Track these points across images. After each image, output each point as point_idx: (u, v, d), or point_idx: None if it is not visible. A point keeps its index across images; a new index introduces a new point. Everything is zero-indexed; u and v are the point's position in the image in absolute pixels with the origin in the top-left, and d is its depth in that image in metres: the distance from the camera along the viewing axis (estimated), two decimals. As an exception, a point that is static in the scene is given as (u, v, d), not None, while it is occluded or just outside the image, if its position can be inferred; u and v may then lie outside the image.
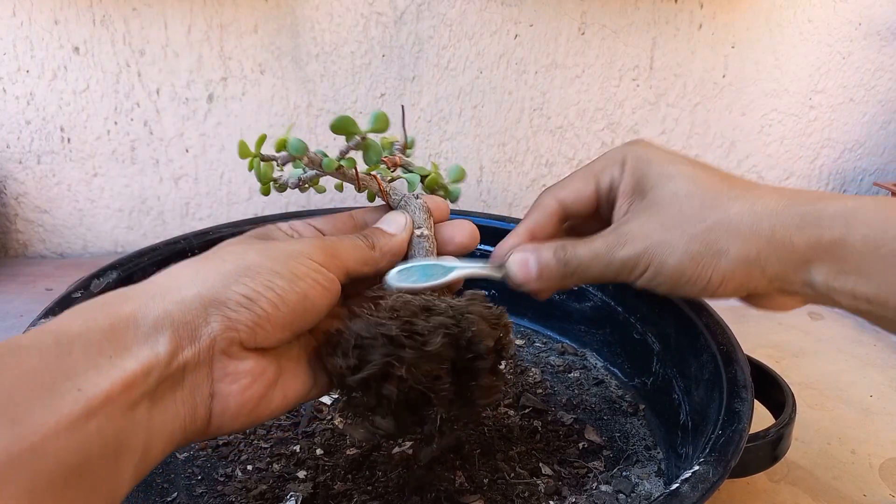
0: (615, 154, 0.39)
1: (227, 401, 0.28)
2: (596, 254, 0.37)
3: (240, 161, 0.82)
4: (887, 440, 0.52)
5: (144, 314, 0.26)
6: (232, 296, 0.28)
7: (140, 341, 0.26)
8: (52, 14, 0.73)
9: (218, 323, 0.28)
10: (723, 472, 0.32)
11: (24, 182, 0.80)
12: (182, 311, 0.27)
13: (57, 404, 0.22)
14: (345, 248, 0.34)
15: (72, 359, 0.23)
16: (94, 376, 0.23)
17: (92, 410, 0.23)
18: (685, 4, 0.82)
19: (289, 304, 0.30)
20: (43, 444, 0.21)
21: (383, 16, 0.78)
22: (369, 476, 0.43)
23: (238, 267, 0.30)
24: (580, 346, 0.59)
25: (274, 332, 0.30)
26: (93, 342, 0.24)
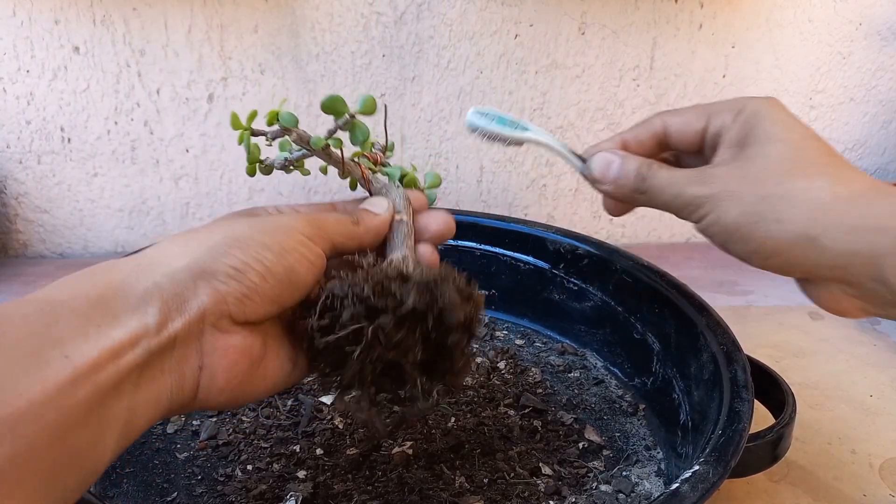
0: (736, 102, 0.39)
1: (216, 374, 0.28)
2: (672, 181, 0.37)
3: (240, 161, 0.82)
4: (887, 440, 0.52)
5: (133, 284, 0.26)
6: (221, 267, 0.28)
7: (129, 311, 0.25)
8: (53, 14, 0.73)
9: (207, 296, 0.28)
10: (723, 472, 0.32)
11: (24, 182, 0.80)
12: (172, 283, 0.27)
13: (42, 372, 0.22)
14: (330, 222, 0.34)
15: (58, 327, 0.23)
16: (82, 344, 0.23)
17: (78, 378, 0.22)
18: (685, 4, 0.82)
19: (276, 277, 0.30)
20: (28, 409, 0.21)
21: (383, 16, 0.78)
22: (369, 476, 0.43)
23: (227, 238, 0.30)
24: (580, 346, 0.59)
25: (262, 305, 0.29)
26: (80, 311, 0.24)
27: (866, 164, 0.99)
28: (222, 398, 0.29)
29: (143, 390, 0.26)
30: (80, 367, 0.23)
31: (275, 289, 0.30)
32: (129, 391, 0.25)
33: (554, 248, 0.59)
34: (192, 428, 0.48)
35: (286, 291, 0.30)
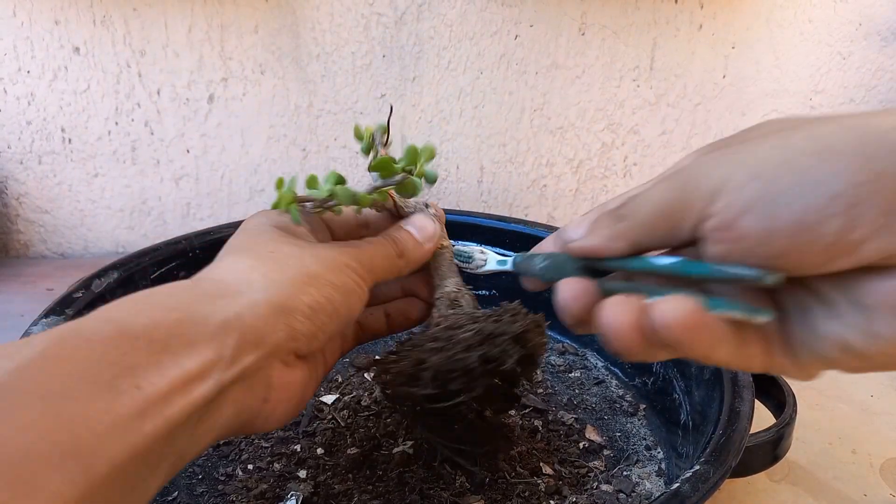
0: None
1: (277, 406, 0.29)
2: (650, 184, 0.28)
3: (240, 161, 0.82)
4: (887, 440, 0.52)
5: (213, 312, 0.26)
6: (299, 305, 0.28)
7: (205, 340, 0.25)
8: (53, 14, 0.73)
9: (283, 332, 0.28)
10: (723, 471, 0.33)
11: (25, 182, 0.80)
12: (253, 316, 0.27)
13: (115, 401, 0.21)
14: (378, 259, 0.34)
15: (133, 355, 0.23)
16: (154, 373, 0.23)
17: (147, 409, 0.22)
18: (685, 5, 0.82)
19: (340, 317, 0.30)
20: (97, 443, 0.20)
21: (384, 16, 0.78)
22: (369, 476, 0.43)
23: (301, 274, 0.29)
24: (581, 346, 0.59)
25: (322, 342, 0.30)
26: (156, 339, 0.24)
27: (866, 165, 0.99)
28: (271, 426, 0.30)
29: (206, 421, 0.25)
30: (152, 397, 0.22)
31: (336, 327, 0.30)
32: (193, 423, 0.24)
33: (554, 248, 0.59)
34: (192, 428, 0.48)
35: (341, 328, 0.31)
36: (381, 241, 0.35)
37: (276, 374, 0.28)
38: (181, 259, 0.55)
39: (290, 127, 0.81)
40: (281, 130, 0.81)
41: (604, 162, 0.90)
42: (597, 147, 0.89)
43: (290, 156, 0.83)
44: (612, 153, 0.89)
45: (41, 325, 0.43)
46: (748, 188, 0.22)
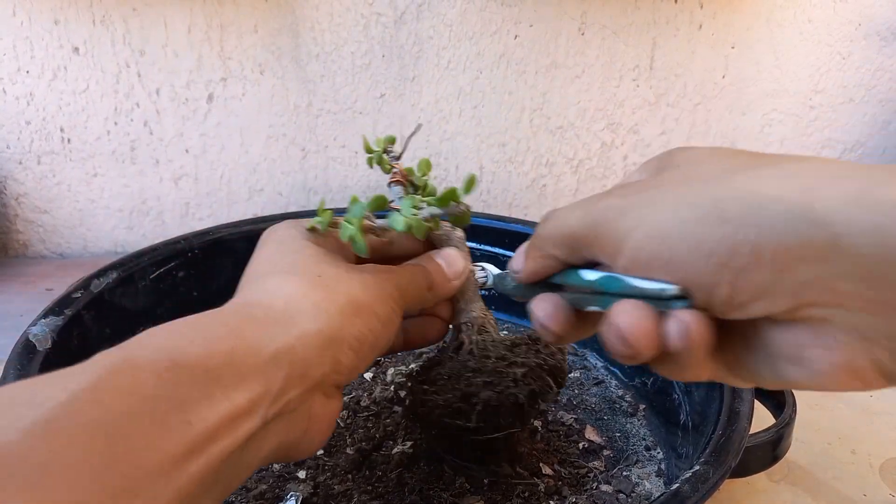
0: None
1: (314, 436, 0.29)
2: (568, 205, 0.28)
3: (240, 161, 0.82)
4: (887, 440, 0.52)
5: (266, 342, 0.25)
6: (346, 337, 0.28)
7: (257, 373, 0.24)
8: (52, 14, 0.73)
9: (329, 365, 0.27)
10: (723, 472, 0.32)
11: (24, 182, 0.80)
12: (304, 347, 0.26)
13: (164, 438, 0.21)
14: (411, 290, 0.34)
15: (186, 387, 0.22)
16: (205, 408, 0.22)
17: (195, 447, 0.21)
18: (685, 4, 0.82)
19: (379, 347, 0.30)
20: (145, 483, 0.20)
21: (383, 16, 0.78)
22: (369, 476, 0.43)
23: (349, 303, 0.29)
24: (580, 346, 0.59)
25: (360, 371, 0.30)
26: (210, 369, 0.23)
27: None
28: (306, 455, 0.29)
29: (246, 457, 0.25)
30: (200, 434, 0.22)
31: (375, 357, 0.30)
32: (237, 459, 0.24)
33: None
34: (191, 428, 0.48)
35: (376, 357, 0.31)
36: (414, 270, 0.35)
37: (318, 406, 0.28)
38: (180, 259, 0.55)
39: (290, 126, 0.81)
40: (280, 130, 0.81)
41: (603, 161, 0.90)
42: (596, 147, 0.89)
43: (289, 155, 0.83)
44: (611, 153, 0.89)
45: (40, 326, 0.43)
46: (647, 247, 0.23)
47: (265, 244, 0.33)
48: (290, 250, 0.31)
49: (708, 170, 0.24)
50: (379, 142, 0.38)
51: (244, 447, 0.24)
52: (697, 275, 0.22)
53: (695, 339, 0.23)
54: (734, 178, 0.22)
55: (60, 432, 0.19)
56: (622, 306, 0.24)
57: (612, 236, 0.24)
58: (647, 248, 0.23)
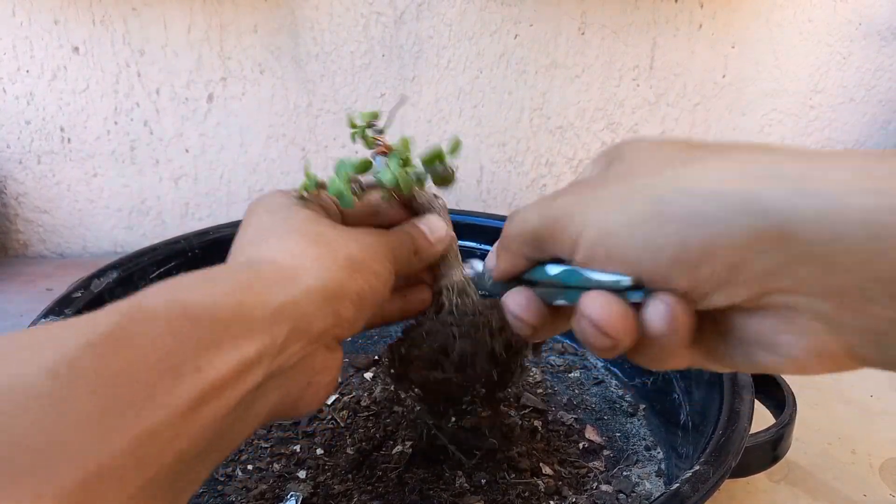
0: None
1: (319, 389, 0.29)
2: (527, 206, 0.30)
3: (239, 161, 0.82)
4: (887, 440, 0.52)
5: (272, 296, 0.26)
6: (348, 292, 0.29)
7: (264, 325, 0.25)
8: (52, 14, 0.73)
9: (332, 319, 0.28)
10: (723, 472, 0.32)
11: (23, 182, 0.80)
12: (307, 302, 0.27)
13: (177, 387, 0.21)
14: (400, 252, 0.34)
15: (197, 335, 0.23)
16: (215, 356, 0.23)
17: (206, 396, 0.22)
18: (685, 4, 0.82)
19: (377, 302, 0.31)
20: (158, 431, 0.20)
21: (383, 16, 0.78)
22: (369, 476, 0.43)
23: (349, 259, 0.30)
24: (580, 346, 0.59)
25: (360, 327, 0.31)
26: (220, 319, 0.24)
27: (866, 164, 0.99)
28: (310, 408, 0.30)
29: (254, 407, 0.25)
30: (211, 383, 0.22)
31: (373, 311, 0.31)
32: (243, 411, 0.25)
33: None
34: (191, 428, 0.48)
35: (372, 314, 0.32)
36: (400, 234, 0.36)
37: (319, 360, 0.29)
38: (180, 259, 0.55)
39: (290, 126, 0.81)
40: (280, 130, 0.81)
41: (603, 161, 0.90)
42: (596, 146, 0.89)
43: (289, 155, 0.83)
44: (611, 153, 0.89)
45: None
46: (600, 245, 0.24)
47: (255, 213, 0.33)
48: (284, 215, 0.32)
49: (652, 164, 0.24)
50: (363, 116, 0.38)
51: (249, 402, 0.25)
52: (652, 270, 0.22)
53: (677, 323, 0.23)
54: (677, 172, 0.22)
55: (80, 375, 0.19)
56: (590, 297, 0.24)
57: (568, 234, 0.25)
58: (601, 246, 0.24)
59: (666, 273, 0.22)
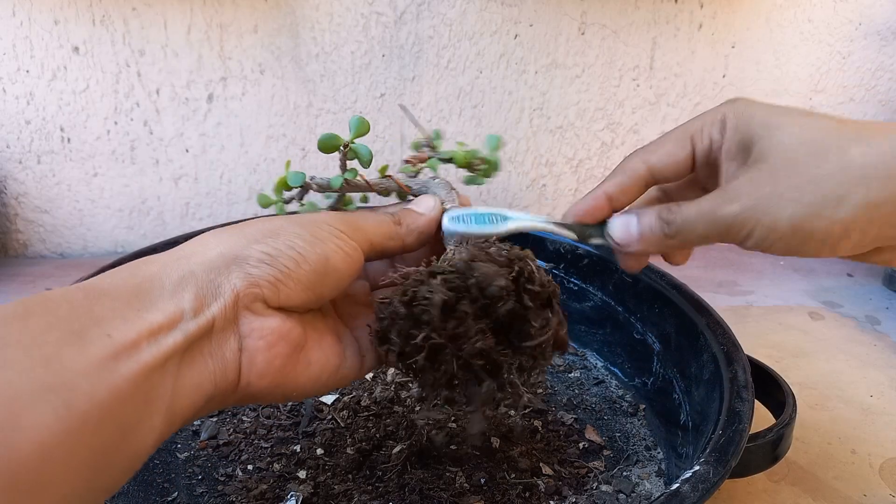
0: (713, 113, 0.36)
1: (255, 356, 0.29)
2: (700, 212, 0.34)
3: (240, 161, 0.82)
4: (887, 440, 0.52)
5: (168, 273, 0.28)
6: (253, 253, 0.29)
7: (165, 297, 0.27)
8: (52, 14, 0.73)
9: (240, 279, 0.29)
10: (723, 472, 0.32)
11: (24, 182, 0.80)
12: (205, 269, 0.28)
13: (86, 347, 0.23)
14: (368, 221, 0.34)
15: (100, 309, 0.24)
16: (121, 324, 0.24)
17: (119, 354, 0.23)
18: (685, 4, 0.82)
19: (310, 263, 0.30)
20: (74, 380, 0.22)
21: (383, 16, 0.78)
22: (369, 476, 0.43)
23: (261, 230, 0.31)
24: (580, 346, 0.59)
25: (297, 291, 0.30)
26: (120, 297, 0.26)
27: (866, 164, 0.99)
28: (264, 383, 0.30)
29: (186, 372, 0.26)
30: (122, 345, 0.24)
31: (309, 276, 0.30)
32: (173, 372, 0.26)
33: (554, 247, 0.59)
34: (192, 428, 0.48)
35: (321, 280, 0.31)
36: (373, 210, 0.36)
37: (245, 322, 0.29)
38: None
39: (290, 126, 0.81)
40: (280, 130, 0.81)
41: (603, 161, 0.90)
42: (596, 146, 0.89)
43: (289, 155, 0.83)
44: (611, 152, 0.89)
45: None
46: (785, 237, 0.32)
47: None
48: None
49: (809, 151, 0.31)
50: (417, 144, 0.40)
51: (180, 363, 0.26)
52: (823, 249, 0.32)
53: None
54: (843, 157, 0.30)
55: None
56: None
57: (754, 238, 0.32)
58: (784, 239, 0.32)
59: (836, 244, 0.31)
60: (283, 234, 0.31)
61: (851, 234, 0.31)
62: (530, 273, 0.31)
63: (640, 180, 0.38)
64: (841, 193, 0.30)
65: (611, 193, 0.38)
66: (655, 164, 0.38)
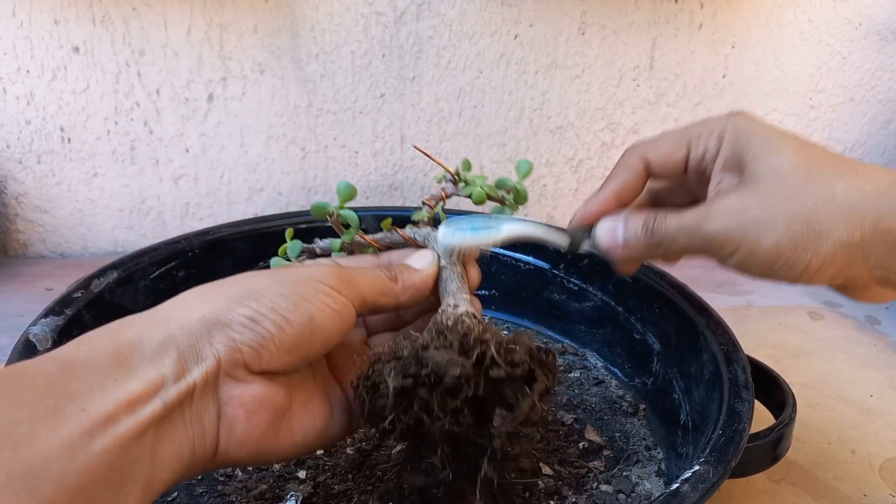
0: (714, 123, 0.37)
1: (234, 425, 0.28)
2: (685, 224, 0.35)
3: (240, 161, 0.82)
4: (887, 440, 0.52)
5: (149, 338, 0.27)
6: (235, 317, 0.28)
7: (145, 364, 0.26)
8: (52, 14, 0.73)
9: (222, 344, 0.27)
10: (723, 472, 0.32)
11: (24, 182, 0.80)
12: (186, 334, 0.27)
13: (60, 426, 0.22)
14: (362, 276, 0.33)
15: (76, 383, 0.24)
16: (99, 397, 0.23)
17: (94, 429, 0.22)
18: (685, 4, 0.82)
19: (294, 326, 0.29)
20: (44, 466, 0.21)
21: (383, 16, 0.78)
22: (369, 476, 0.43)
23: (243, 291, 0.29)
24: (580, 346, 0.59)
25: (279, 355, 0.29)
26: (98, 367, 0.25)
27: (866, 164, 0.98)
28: (244, 452, 0.29)
29: (165, 443, 0.25)
30: (98, 418, 0.23)
31: (293, 339, 0.29)
32: (150, 444, 0.25)
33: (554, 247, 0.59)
34: (191, 428, 0.48)
35: (307, 341, 0.30)
36: (369, 264, 0.36)
37: (226, 389, 0.28)
38: (180, 259, 0.55)
39: (290, 126, 0.81)
40: (280, 130, 0.81)
41: (603, 161, 0.90)
42: (596, 146, 0.89)
43: (289, 155, 0.83)
44: (611, 153, 0.89)
45: (40, 325, 0.43)
46: (764, 260, 0.33)
47: None
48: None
49: (798, 181, 0.32)
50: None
51: (158, 433, 0.25)
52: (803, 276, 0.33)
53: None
54: (830, 189, 0.32)
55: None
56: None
57: (738, 255, 0.33)
58: (764, 262, 0.33)
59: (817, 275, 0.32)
60: (266, 294, 0.29)
61: (828, 268, 0.32)
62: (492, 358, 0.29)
63: (642, 176, 0.40)
64: (825, 228, 0.31)
65: (619, 192, 0.39)
66: (652, 161, 0.39)
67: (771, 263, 0.33)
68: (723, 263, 0.35)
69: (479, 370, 0.29)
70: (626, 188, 0.39)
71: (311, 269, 0.32)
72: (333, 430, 0.33)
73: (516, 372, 0.30)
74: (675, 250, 0.36)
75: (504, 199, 0.41)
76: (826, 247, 0.31)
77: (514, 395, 0.30)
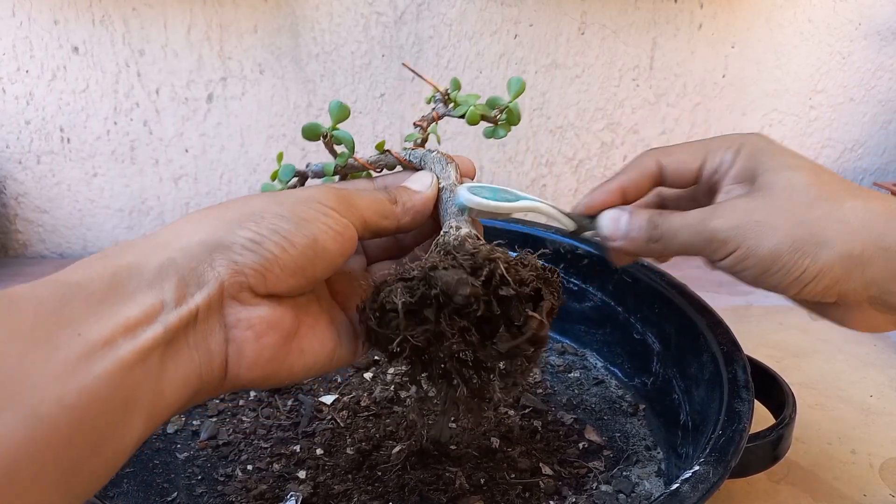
0: (733, 138, 0.38)
1: (243, 347, 0.28)
2: (687, 221, 0.35)
3: (240, 161, 0.82)
4: (887, 440, 0.52)
5: (147, 262, 0.26)
6: (237, 240, 0.28)
7: (143, 288, 0.25)
8: (52, 14, 0.73)
9: (224, 267, 0.27)
10: (723, 472, 0.32)
11: (23, 182, 0.80)
12: (187, 257, 0.26)
13: (53, 352, 0.21)
14: (362, 197, 0.33)
15: (71, 307, 0.23)
16: (95, 322, 0.23)
17: (91, 353, 0.22)
18: (685, 4, 0.82)
19: (297, 247, 0.29)
20: (45, 389, 0.20)
21: (383, 16, 0.78)
22: (369, 476, 0.43)
23: (242, 213, 0.29)
24: (580, 346, 0.59)
25: (284, 277, 0.29)
26: (93, 291, 0.24)
27: (866, 164, 0.99)
28: (254, 374, 0.28)
29: (170, 367, 0.25)
30: (94, 343, 0.22)
31: (297, 260, 0.29)
32: (155, 368, 0.24)
33: (554, 247, 0.59)
34: (192, 428, 0.48)
35: (310, 262, 0.29)
36: (368, 185, 0.35)
37: (232, 312, 0.27)
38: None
39: (290, 126, 0.81)
40: (280, 130, 0.81)
41: (603, 161, 0.90)
42: (596, 146, 0.89)
43: (289, 155, 0.83)
44: (611, 153, 0.89)
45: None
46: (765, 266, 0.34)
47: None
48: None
49: (806, 199, 0.33)
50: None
51: (162, 358, 0.25)
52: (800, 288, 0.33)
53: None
54: (832, 211, 0.33)
55: None
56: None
57: (737, 256, 0.34)
58: (765, 267, 0.33)
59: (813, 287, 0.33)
60: (266, 216, 0.29)
61: (824, 278, 0.32)
62: (502, 276, 0.29)
63: (652, 179, 0.40)
64: (828, 237, 0.32)
65: (625, 187, 0.40)
66: (667, 167, 0.39)
67: (767, 267, 0.33)
68: (718, 264, 0.35)
69: (488, 289, 0.29)
70: (634, 185, 0.40)
71: (310, 190, 0.32)
72: (341, 354, 0.33)
73: (524, 290, 0.29)
74: (673, 246, 0.36)
75: (497, 118, 0.40)
76: (825, 256, 0.32)
77: (520, 314, 0.29)
